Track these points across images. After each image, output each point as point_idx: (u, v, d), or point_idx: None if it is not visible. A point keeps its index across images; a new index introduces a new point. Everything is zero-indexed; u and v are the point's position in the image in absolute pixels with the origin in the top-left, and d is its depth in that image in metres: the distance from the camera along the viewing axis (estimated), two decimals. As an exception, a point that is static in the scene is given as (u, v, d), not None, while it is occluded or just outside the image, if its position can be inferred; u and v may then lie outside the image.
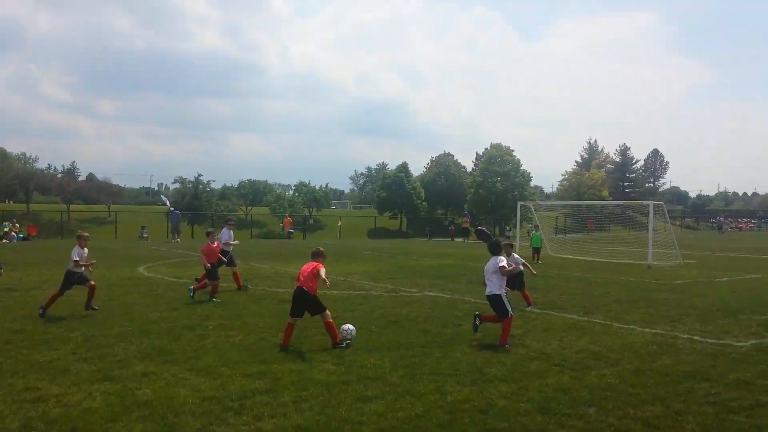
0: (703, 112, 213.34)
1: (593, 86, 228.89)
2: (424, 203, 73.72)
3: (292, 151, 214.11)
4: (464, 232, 50.41)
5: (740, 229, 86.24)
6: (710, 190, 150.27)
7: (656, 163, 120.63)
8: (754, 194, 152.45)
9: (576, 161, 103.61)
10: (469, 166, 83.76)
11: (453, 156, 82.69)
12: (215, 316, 11.33)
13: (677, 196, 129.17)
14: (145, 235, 44.48)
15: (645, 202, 30.54)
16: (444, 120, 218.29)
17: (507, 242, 12.40)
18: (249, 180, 77.72)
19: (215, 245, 14.39)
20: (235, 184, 78.86)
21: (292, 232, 51.91)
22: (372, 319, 11.33)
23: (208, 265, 13.69)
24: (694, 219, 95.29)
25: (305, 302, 9.06)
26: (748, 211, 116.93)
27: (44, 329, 9.95)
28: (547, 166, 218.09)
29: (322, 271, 9.13)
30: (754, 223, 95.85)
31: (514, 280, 12.29)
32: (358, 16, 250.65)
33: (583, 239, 33.70)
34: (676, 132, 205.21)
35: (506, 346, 9.05)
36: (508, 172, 71.46)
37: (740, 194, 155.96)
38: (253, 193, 75.55)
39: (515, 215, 38.34)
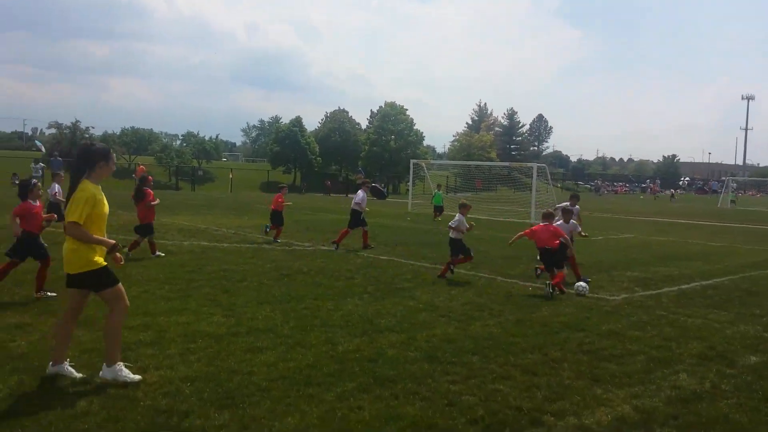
0: (585, 81, 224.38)
1: (485, 51, 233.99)
2: (318, 159, 73.24)
3: (179, 99, 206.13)
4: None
5: (616, 192, 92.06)
6: (590, 155, 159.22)
7: (541, 127, 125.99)
8: (630, 160, 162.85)
9: (467, 123, 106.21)
10: (364, 123, 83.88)
11: (348, 112, 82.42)
12: (96, 268, 10.77)
13: (559, 159, 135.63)
14: (17, 182, 41.50)
15: (529, 164, 31.91)
16: (339, 75, 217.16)
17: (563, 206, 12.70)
18: (132, 127, 74.06)
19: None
20: (117, 131, 74.86)
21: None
22: (264, 271, 11.21)
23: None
24: (574, 182, 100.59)
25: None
26: (623, 176, 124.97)
27: None
28: (440, 128, 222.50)
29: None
30: (628, 187, 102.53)
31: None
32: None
33: (471, 198, 34.74)
34: (560, 99, 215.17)
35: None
36: (401, 131, 72.26)
37: (617, 160, 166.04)
38: (137, 141, 72.11)
39: (408, 173, 38.89)
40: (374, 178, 61.74)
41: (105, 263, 5.46)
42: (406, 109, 74.73)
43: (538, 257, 11.17)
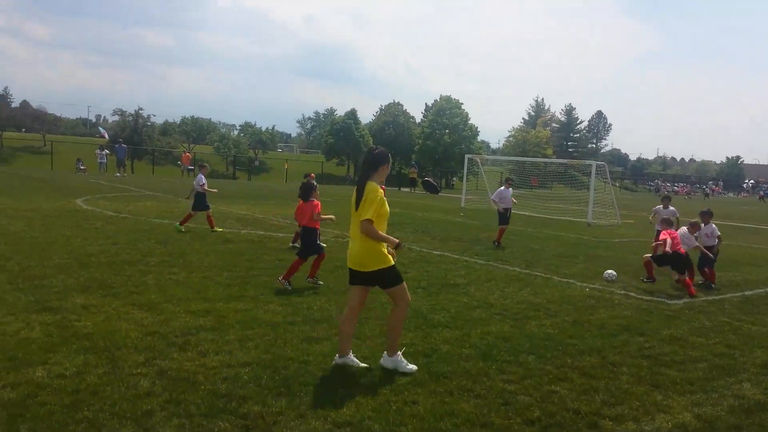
0: (647, 78, 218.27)
1: (544, 46, 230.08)
2: (372, 151, 73.31)
3: (237, 90, 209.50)
4: (411, 183, 50.62)
5: (676, 192, 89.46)
6: (649, 154, 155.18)
7: (599, 124, 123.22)
8: (692, 160, 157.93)
9: (523, 118, 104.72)
10: (418, 116, 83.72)
11: (402, 105, 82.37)
12: (157, 253, 11.10)
13: (618, 158, 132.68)
14: (82, 167, 43.01)
15: (587, 162, 31.20)
16: (395, 68, 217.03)
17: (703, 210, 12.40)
18: (192, 117, 75.83)
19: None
20: (177, 120, 76.74)
21: (192, 169, 49.21)
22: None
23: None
24: (633, 181, 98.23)
25: None
26: (684, 176, 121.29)
27: (-24, 258, 9.55)
28: (495, 122, 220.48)
29: None
30: (688, 188, 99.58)
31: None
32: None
33: (526, 195, 34.27)
34: (620, 96, 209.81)
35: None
36: (456, 125, 71.76)
37: (678, 159, 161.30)
38: (197, 130, 73.88)
39: (462, 168, 38.65)
40: (428, 172, 61.59)
41: (393, 261, 5.79)
42: (462, 104, 74.24)
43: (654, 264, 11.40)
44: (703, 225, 12.18)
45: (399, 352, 5.79)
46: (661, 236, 11.17)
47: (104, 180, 33.59)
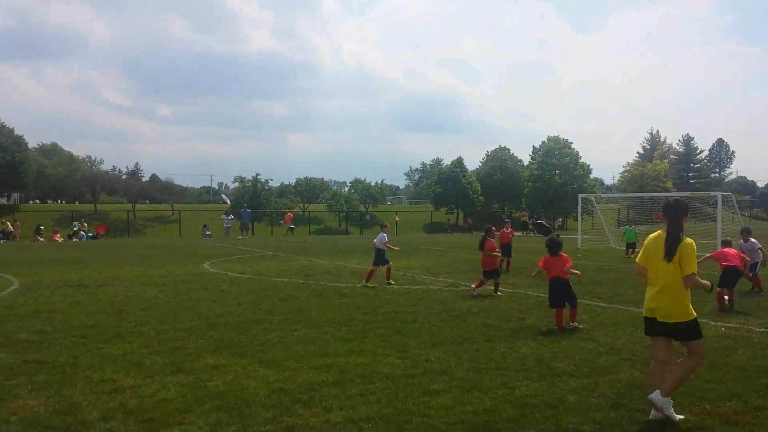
0: (766, 100, 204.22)
1: (651, 76, 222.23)
2: (480, 197, 73.11)
3: (347, 148, 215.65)
4: (523, 226, 49.75)
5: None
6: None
7: (721, 152, 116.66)
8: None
9: (638, 152, 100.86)
10: (526, 159, 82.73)
11: (509, 150, 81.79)
12: (279, 311, 11.50)
13: (744, 185, 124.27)
14: (207, 233, 45.59)
15: (712, 193, 29.49)
16: (498, 113, 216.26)
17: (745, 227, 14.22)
18: (306, 177, 78.85)
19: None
20: (293, 182, 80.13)
21: (293, 228, 50.83)
22: (434, 313, 11.29)
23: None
24: (763, 209, 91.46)
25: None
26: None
27: (117, 323, 10.29)
28: (607, 158, 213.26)
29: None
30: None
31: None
32: (406, 13, 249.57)
33: (647, 231, 32.69)
34: (740, 120, 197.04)
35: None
36: (566, 165, 70.17)
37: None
38: (310, 190, 76.64)
39: (575, 208, 37.60)
40: (538, 214, 60.33)
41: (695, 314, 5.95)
42: (571, 143, 72.63)
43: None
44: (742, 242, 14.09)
45: (670, 399, 5.65)
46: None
47: (228, 243, 35.41)
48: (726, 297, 11.86)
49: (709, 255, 13.11)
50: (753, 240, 14.47)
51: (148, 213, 64.75)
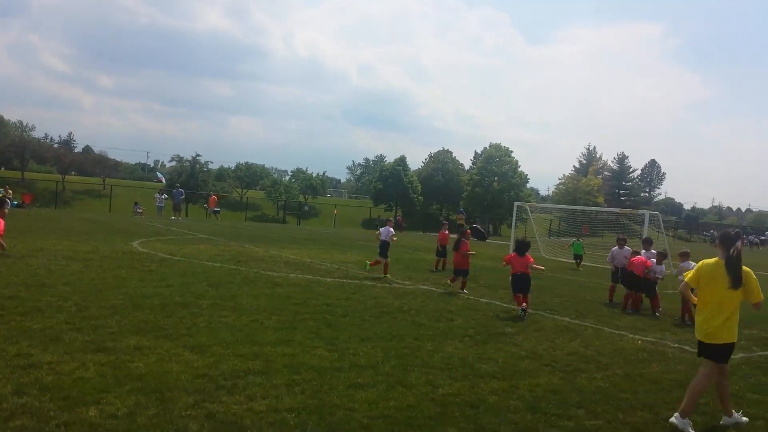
0: (701, 126, 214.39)
1: (595, 93, 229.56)
2: (420, 197, 73.80)
3: (291, 136, 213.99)
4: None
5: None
6: (704, 204, 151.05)
7: (653, 173, 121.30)
8: (748, 210, 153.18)
9: (574, 166, 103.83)
10: (467, 164, 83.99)
11: (452, 153, 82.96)
12: (208, 296, 11.32)
13: (672, 207, 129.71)
14: (139, 210, 44.41)
15: (641, 211, 30.64)
16: (445, 116, 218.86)
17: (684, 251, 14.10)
18: (246, 163, 77.77)
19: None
20: (233, 165, 78.84)
21: (218, 211, 49.18)
22: (365, 308, 11.35)
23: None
24: (687, 231, 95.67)
25: None
26: (740, 227, 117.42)
27: (37, 297, 9.91)
28: (544, 169, 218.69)
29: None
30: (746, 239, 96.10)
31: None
32: (365, 8, 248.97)
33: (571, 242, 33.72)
34: (674, 144, 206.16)
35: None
36: (505, 173, 71.70)
37: (734, 209, 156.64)
38: (250, 176, 75.64)
39: (510, 215, 38.40)
40: (475, 219, 61.31)
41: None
42: (511, 151, 74.23)
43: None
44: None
45: (689, 419, 6.00)
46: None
47: (160, 223, 34.57)
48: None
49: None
50: (652, 251, 15.32)
51: (78, 185, 62.55)
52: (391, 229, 17.65)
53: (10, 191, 43.13)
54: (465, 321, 10.84)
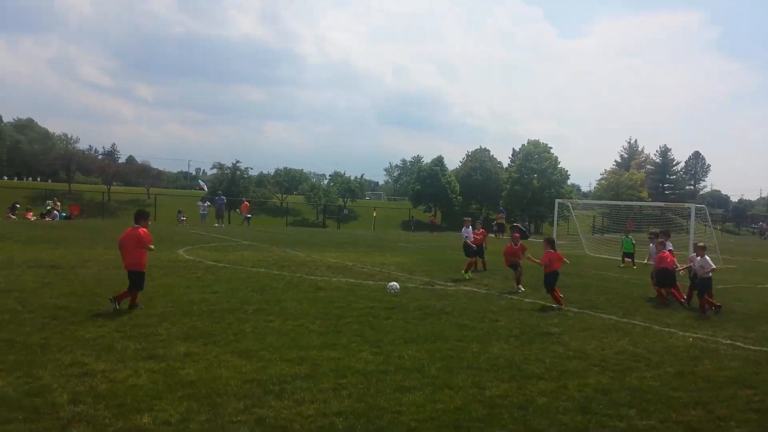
0: (746, 116, 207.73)
1: (634, 86, 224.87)
2: (458, 197, 73.48)
3: (327, 140, 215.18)
4: (499, 228, 50.03)
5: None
6: (752, 195, 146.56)
7: (697, 165, 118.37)
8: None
9: (615, 161, 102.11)
10: (505, 161, 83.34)
11: (489, 151, 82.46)
12: (254, 301, 11.47)
13: (718, 199, 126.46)
14: (183, 218, 45.19)
15: (686, 205, 29.93)
16: (480, 114, 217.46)
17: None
18: (285, 168, 78.55)
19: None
20: (271, 171, 79.70)
21: (249, 217, 47.83)
22: (408, 310, 11.34)
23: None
24: (735, 224, 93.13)
25: None
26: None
27: (89, 306, 10.18)
28: (585, 165, 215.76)
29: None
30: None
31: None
32: (395, 8, 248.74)
33: (621, 239, 33.14)
34: (718, 135, 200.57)
35: None
36: (545, 170, 70.86)
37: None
38: (289, 181, 76.31)
39: (551, 213, 37.95)
40: (516, 217, 60.80)
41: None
42: (550, 147, 73.40)
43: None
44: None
45: None
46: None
47: (204, 230, 35.15)
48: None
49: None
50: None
51: (122, 195, 64.00)
52: (470, 229, 18.49)
53: (59, 203, 44.43)
54: (509, 321, 10.74)
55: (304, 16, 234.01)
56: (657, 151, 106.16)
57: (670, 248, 15.03)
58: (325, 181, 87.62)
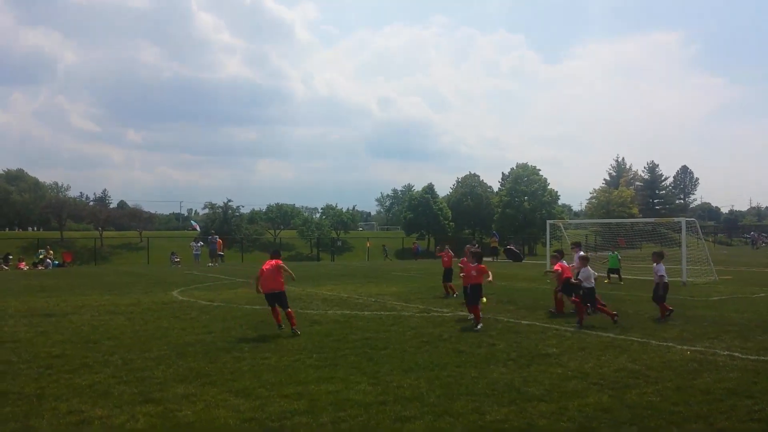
0: (730, 128, 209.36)
1: (618, 106, 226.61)
2: (451, 223, 73.61)
3: (319, 175, 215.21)
4: (493, 252, 50.13)
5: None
6: (742, 206, 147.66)
7: (686, 179, 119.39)
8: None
9: (604, 179, 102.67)
10: (496, 186, 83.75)
11: (479, 176, 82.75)
12: (249, 339, 11.43)
13: (708, 212, 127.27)
14: (176, 260, 45.03)
15: (677, 219, 30.09)
16: (469, 141, 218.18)
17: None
18: (277, 204, 78.60)
19: None
20: (264, 208, 79.81)
21: (222, 255, 45.68)
22: (405, 339, 11.31)
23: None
24: (727, 235, 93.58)
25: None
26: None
27: (84, 353, 10.11)
28: (575, 185, 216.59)
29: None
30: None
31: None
32: (380, 44, 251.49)
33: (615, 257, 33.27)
34: (705, 148, 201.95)
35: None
36: (535, 192, 71.23)
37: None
38: (281, 216, 76.37)
39: (544, 234, 38.04)
40: (509, 240, 60.90)
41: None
42: (539, 170, 73.85)
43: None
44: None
45: None
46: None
47: (198, 271, 35.02)
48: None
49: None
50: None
51: (115, 240, 63.80)
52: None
53: (51, 251, 44.24)
54: (507, 345, 10.73)
55: (290, 55, 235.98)
56: (645, 167, 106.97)
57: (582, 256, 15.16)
58: (317, 215, 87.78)
